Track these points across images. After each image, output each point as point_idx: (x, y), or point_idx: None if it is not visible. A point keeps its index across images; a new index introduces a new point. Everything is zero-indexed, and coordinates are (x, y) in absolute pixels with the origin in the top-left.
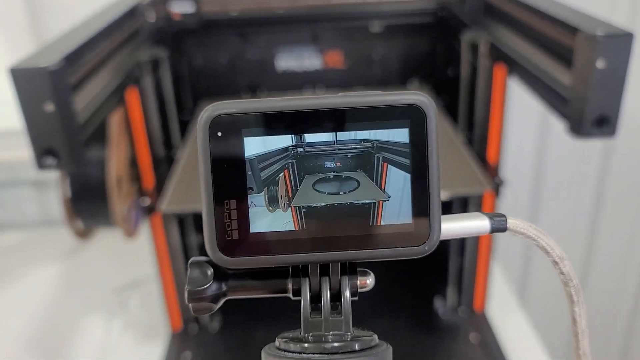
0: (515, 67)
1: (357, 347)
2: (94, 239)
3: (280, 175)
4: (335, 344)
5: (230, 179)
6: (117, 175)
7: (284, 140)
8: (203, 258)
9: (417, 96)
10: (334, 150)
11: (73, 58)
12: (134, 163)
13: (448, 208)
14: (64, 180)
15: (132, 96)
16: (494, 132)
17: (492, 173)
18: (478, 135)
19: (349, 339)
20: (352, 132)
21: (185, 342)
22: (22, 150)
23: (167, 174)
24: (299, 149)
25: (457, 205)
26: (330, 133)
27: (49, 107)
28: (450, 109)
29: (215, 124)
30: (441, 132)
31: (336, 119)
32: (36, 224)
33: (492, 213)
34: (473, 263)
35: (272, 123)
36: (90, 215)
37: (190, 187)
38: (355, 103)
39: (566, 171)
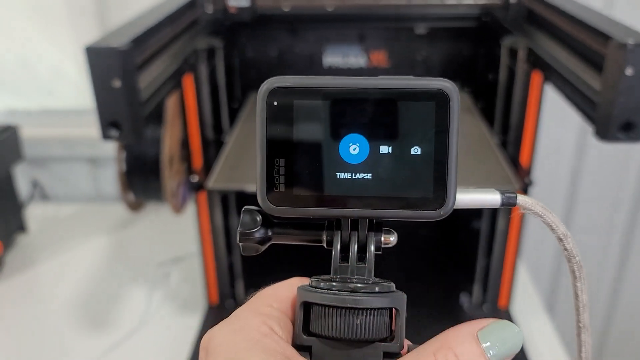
0: (551, 73)
1: (376, 289)
2: (143, 213)
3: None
4: (359, 285)
5: (281, 141)
6: (170, 153)
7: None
8: (254, 207)
9: (443, 82)
10: None
11: (140, 41)
12: (185, 144)
13: None
14: (120, 155)
15: (188, 81)
16: (528, 136)
17: (523, 174)
18: (512, 138)
19: (370, 283)
20: None
21: (221, 315)
22: (80, 128)
23: (215, 156)
24: None
25: None
26: None
27: (117, 83)
28: (488, 112)
29: (273, 94)
30: (477, 132)
31: (372, 97)
32: (89, 198)
33: (504, 189)
34: (500, 261)
35: (319, 97)
36: (142, 189)
37: (236, 168)
38: (388, 85)
39: (603, 178)
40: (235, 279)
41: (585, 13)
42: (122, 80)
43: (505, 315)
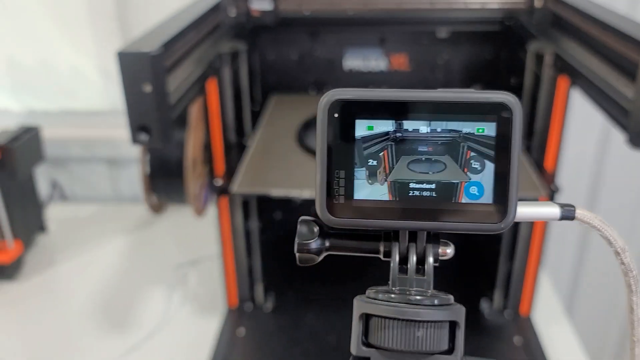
0: (579, 78)
1: (436, 302)
2: (161, 215)
3: (381, 154)
4: (418, 297)
5: (341, 153)
6: (193, 156)
7: (387, 125)
8: (310, 218)
9: (505, 95)
10: (427, 136)
11: (169, 45)
12: (207, 147)
13: None
14: (144, 157)
15: (212, 85)
16: (553, 141)
17: (548, 180)
18: (537, 143)
19: (429, 295)
20: (444, 123)
21: (240, 318)
22: (99, 130)
23: (237, 159)
24: (398, 134)
25: None
26: (426, 122)
27: (147, 87)
28: None
29: (333, 107)
30: None
31: (432, 110)
32: (108, 199)
33: (562, 203)
34: (522, 268)
35: (379, 110)
36: (165, 191)
37: (259, 172)
38: (450, 98)
39: (624, 182)
40: (254, 282)
41: (614, 18)
42: (153, 85)
43: (527, 322)
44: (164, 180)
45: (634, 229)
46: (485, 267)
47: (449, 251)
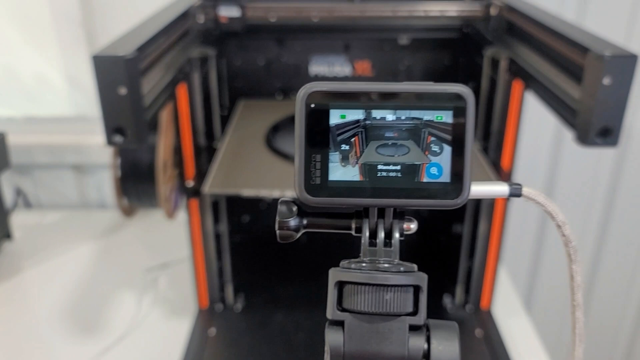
0: (532, 82)
1: (402, 269)
2: (128, 219)
3: (352, 139)
4: (386, 265)
5: (317, 139)
6: (164, 160)
7: (358, 114)
8: (290, 198)
9: (460, 87)
10: (393, 123)
11: (142, 49)
12: (177, 150)
13: (462, 207)
14: (115, 161)
15: (182, 90)
16: (509, 142)
17: (504, 178)
18: (494, 143)
19: (395, 263)
20: (407, 111)
21: (211, 318)
22: (64, 136)
23: (207, 162)
24: (367, 121)
25: (470, 204)
26: (392, 111)
27: (122, 90)
28: None
29: (310, 97)
30: None
31: (397, 100)
32: (73, 206)
33: (510, 182)
34: (482, 265)
35: (351, 100)
36: (136, 194)
37: (229, 174)
38: (413, 89)
39: (578, 180)
40: (224, 283)
41: (563, 26)
42: (128, 88)
43: (487, 315)
44: (135, 183)
45: (586, 223)
46: (447, 265)
47: (412, 226)
